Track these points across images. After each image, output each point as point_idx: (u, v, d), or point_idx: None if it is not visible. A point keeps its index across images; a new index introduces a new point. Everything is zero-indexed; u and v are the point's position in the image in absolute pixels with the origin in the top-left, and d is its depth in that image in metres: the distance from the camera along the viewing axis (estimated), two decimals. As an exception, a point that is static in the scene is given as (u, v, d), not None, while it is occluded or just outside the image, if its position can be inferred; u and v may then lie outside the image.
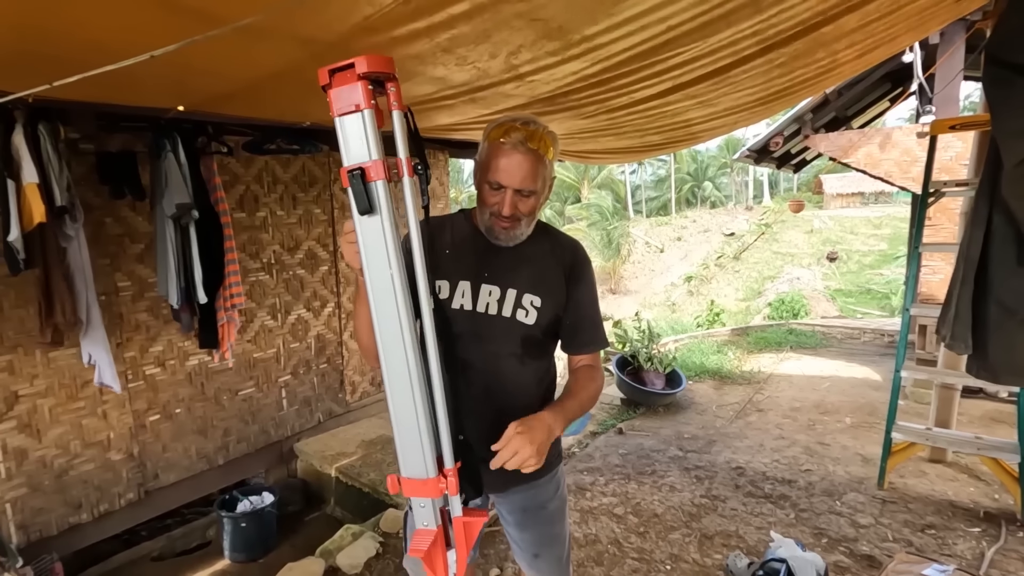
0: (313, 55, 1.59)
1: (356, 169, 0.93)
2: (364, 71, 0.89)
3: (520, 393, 1.33)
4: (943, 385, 3.31)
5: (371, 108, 0.91)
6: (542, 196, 1.26)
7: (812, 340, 7.29)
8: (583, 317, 1.35)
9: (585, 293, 1.35)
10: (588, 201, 26.68)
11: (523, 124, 1.20)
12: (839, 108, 5.55)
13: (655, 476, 3.50)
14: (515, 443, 1.06)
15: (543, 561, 1.47)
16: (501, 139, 1.19)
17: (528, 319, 1.29)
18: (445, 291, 1.30)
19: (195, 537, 3.23)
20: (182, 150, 2.51)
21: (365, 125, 0.92)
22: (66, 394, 2.67)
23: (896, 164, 4.84)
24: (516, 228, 1.26)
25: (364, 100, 0.90)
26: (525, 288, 1.29)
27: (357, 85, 0.90)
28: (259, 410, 3.52)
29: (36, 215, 2.02)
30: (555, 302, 1.31)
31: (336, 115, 0.92)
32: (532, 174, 1.20)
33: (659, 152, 4.72)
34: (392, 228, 0.96)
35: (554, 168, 1.28)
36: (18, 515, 2.56)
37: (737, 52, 2.01)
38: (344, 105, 0.92)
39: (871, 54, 2.66)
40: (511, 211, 1.22)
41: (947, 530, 2.75)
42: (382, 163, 0.93)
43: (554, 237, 1.38)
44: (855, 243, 21.75)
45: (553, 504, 1.44)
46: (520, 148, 1.18)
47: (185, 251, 2.58)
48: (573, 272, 1.34)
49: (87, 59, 1.35)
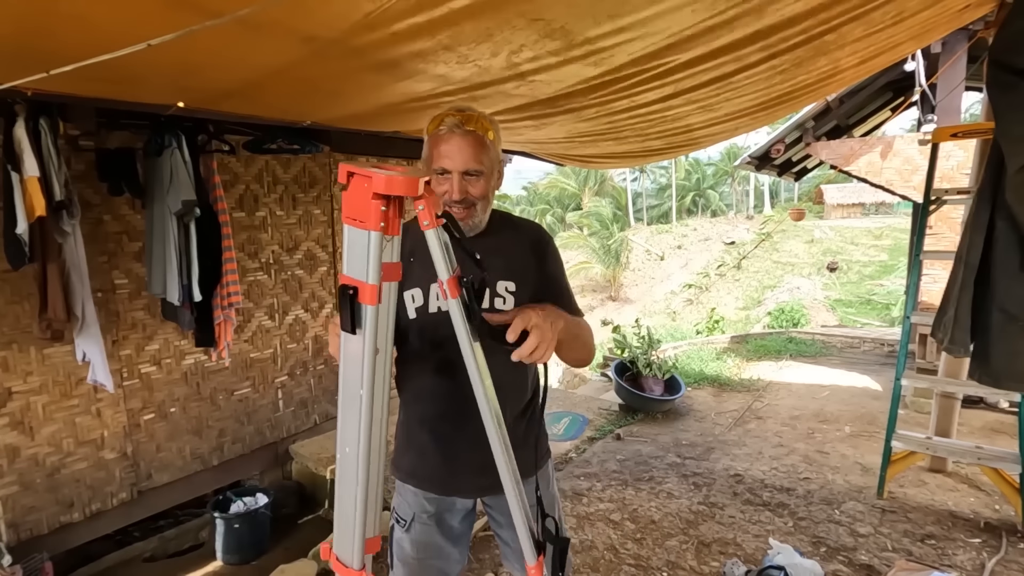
0: (314, 52, 1.59)
1: (351, 287, 0.88)
2: (381, 191, 0.83)
3: (513, 388, 1.33)
4: (943, 394, 3.29)
5: (379, 231, 0.85)
6: (492, 178, 1.26)
7: (812, 349, 7.27)
8: (558, 289, 1.35)
9: (555, 269, 1.37)
10: (588, 209, 26.72)
11: (458, 111, 1.23)
12: (841, 116, 5.56)
13: (653, 482, 3.48)
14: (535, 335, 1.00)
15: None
16: (439, 127, 1.22)
17: (506, 306, 1.28)
18: (419, 299, 1.29)
19: (188, 538, 3.19)
20: (186, 148, 2.51)
21: (369, 244, 0.86)
22: (60, 392, 2.65)
23: (897, 173, 4.85)
24: (472, 215, 1.26)
25: (373, 220, 0.85)
26: (496, 276, 1.28)
27: (369, 204, 0.84)
28: (255, 411, 3.49)
29: (37, 208, 2.01)
30: (529, 282, 1.31)
31: (344, 219, 0.89)
32: (475, 154, 1.21)
33: (660, 157, 4.72)
34: (372, 352, 0.90)
35: (499, 152, 1.29)
36: (9, 513, 2.53)
37: (740, 58, 2.01)
38: (353, 214, 0.87)
39: (873, 61, 2.66)
40: (461, 194, 1.22)
41: (947, 540, 2.72)
42: (378, 289, 0.87)
43: (515, 224, 1.41)
44: (855, 253, 21.77)
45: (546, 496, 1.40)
46: (457, 131, 1.20)
47: (187, 249, 2.57)
48: (539, 250, 1.36)
49: (87, 52, 1.35)
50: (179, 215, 2.51)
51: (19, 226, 2.04)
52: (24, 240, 2.06)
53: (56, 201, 2.12)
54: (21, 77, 1.49)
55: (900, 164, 4.84)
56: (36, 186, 2.01)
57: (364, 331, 0.89)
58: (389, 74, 1.87)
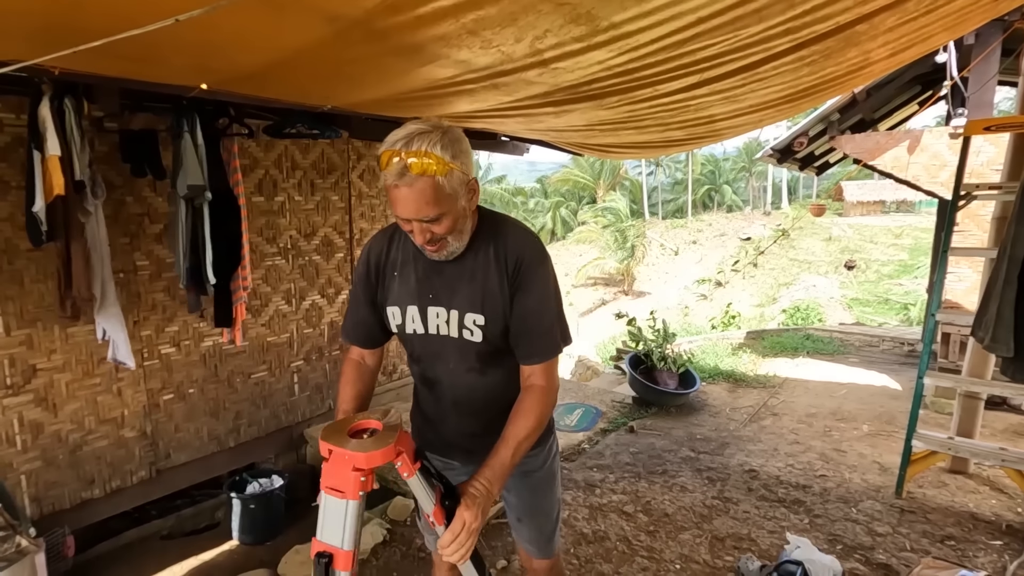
0: (338, 32, 1.57)
1: (325, 554, 0.94)
2: (362, 466, 0.91)
3: (489, 399, 1.37)
4: (967, 394, 3.22)
5: (357, 500, 0.93)
6: (455, 210, 1.17)
7: (830, 346, 7.17)
8: (529, 327, 1.28)
9: (531, 301, 1.27)
10: (604, 203, 26.56)
11: (404, 147, 1.10)
12: (866, 110, 5.43)
13: (666, 476, 3.46)
14: (463, 537, 1.07)
15: (525, 528, 1.53)
16: (385, 174, 1.12)
17: (475, 338, 1.28)
18: (398, 317, 1.34)
19: (204, 518, 3.24)
20: (199, 131, 2.51)
21: (347, 513, 0.93)
22: (82, 370, 2.70)
23: (924, 168, 4.73)
24: (444, 248, 1.22)
25: (352, 491, 0.92)
26: (466, 308, 1.28)
27: (350, 475, 0.92)
28: (271, 395, 3.53)
29: (56, 187, 2.03)
30: (499, 316, 1.27)
31: (322, 487, 0.95)
32: (425, 202, 1.11)
33: (680, 148, 4.66)
34: None
35: (464, 173, 1.17)
36: (32, 487, 2.59)
37: (768, 49, 1.96)
38: (332, 484, 0.93)
39: (904, 53, 2.59)
40: (423, 240, 1.19)
41: (967, 542, 2.68)
42: (352, 555, 0.94)
43: (500, 240, 1.29)
44: (874, 252, 21.43)
45: (539, 475, 1.48)
46: (402, 181, 1.10)
47: (197, 232, 2.58)
48: (516, 280, 1.27)
49: (113, 28, 1.35)
50: (187, 199, 2.53)
51: (36, 204, 2.06)
52: (40, 219, 2.08)
53: (77, 180, 2.14)
54: (48, 54, 1.50)
55: (927, 159, 4.73)
56: (57, 165, 2.03)
57: None
58: (411, 59, 1.85)
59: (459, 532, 1.05)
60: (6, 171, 2.40)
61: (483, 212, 1.33)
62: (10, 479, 2.50)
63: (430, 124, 1.16)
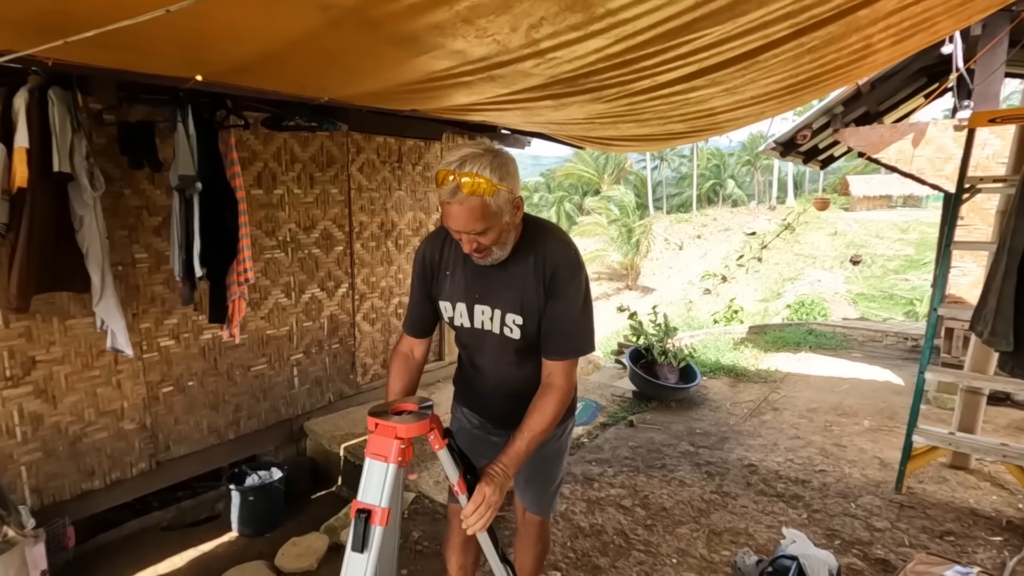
0: (331, 22, 1.56)
1: (364, 510, 1.12)
2: (402, 435, 1.13)
3: (524, 384, 1.53)
4: (969, 389, 3.20)
5: (397, 464, 1.12)
6: (499, 225, 1.32)
7: (832, 341, 7.14)
8: (556, 328, 1.44)
9: (561, 306, 1.42)
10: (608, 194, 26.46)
11: (458, 168, 1.25)
12: (871, 102, 5.38)
13: (665, 470, 3.46)
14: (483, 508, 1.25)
15: (531, 489, 1.75)
16: (440, 190, 1.28)
17: (514, 335, 1.47)
18: (449, 311, 1.54)
19: (204, 509, 3.26)
20: (192, 122, 2.50)
21: (387, 475, 1.12)
22: (82, 362, 2.71)
23: (929, 161, 4.68)
24: (489, 255, 1.38)
25: (394, 456, 1.12)
26: (508, 309, 1.45)
27: (392, 442, 1.12)
28: (270, 388, 3.54)
29: (18, 179, 2.02)
30: (535, 318, 1.44)
31: (367, 454, 1.15)
32: (473, 218, 1.27)
33: (683, 141, 4.62)
34: (373, 574, 1.11)
35: (510, 191, 1.32)
36: (32, 479, 2.60)
37: (767, 35, 1.93)
38: (376, 450, 1.14)
39: (908, 41, 2.54)
40: (470, 248, 1.35)
41: (967, 538, 2.66)
42: (388, 512, 1.12)
43: (541, 251, 1.44)
44: (880, 247, 21.29)
45: (551, 446, 1.68)
46: (454, 199, 1.26)
47: (189, 223, 2.57)
48: (551, 287, 1.43)
49: (105, 19, 1.34)
50: (178, 189, 2.52)
51: None
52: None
53: (57, 172, 2.12)
54: (40, 44, 1.49)
55: (932, 152, 4.67)
56: (23, 157, 2.02)
57: (370, 552, 1.10)
58: (407, 49, 1.83)
59: (479, 504, 1.24)
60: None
61: (527, 221, 1.47)
62: (10, 470, 2.52)
63: (482, 147, 1.31)
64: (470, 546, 1.79)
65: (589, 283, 1.50)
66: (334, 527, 2.85)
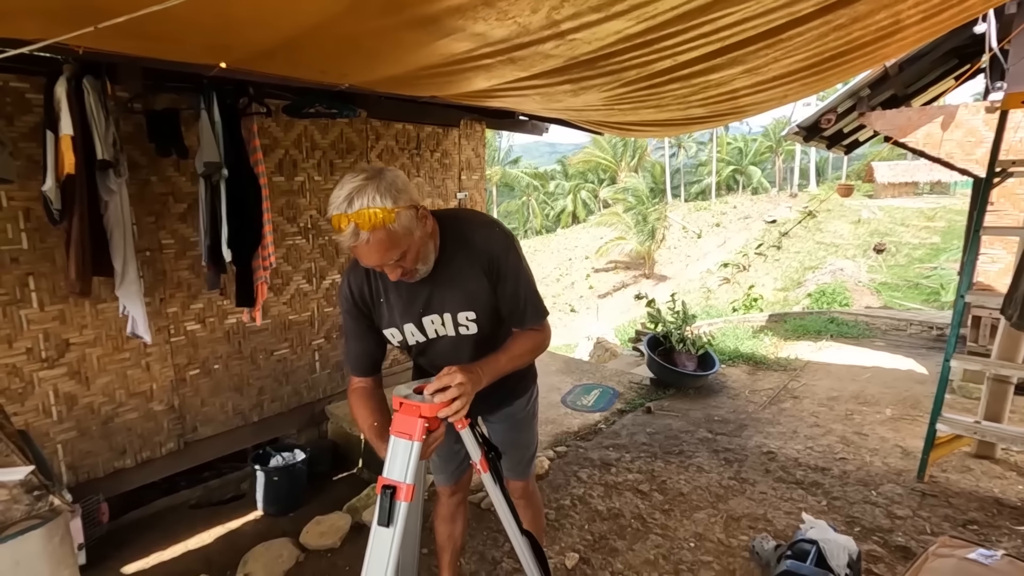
0: (354, 5, 1.57)
1: (390, 486, 1.15)
2: (426, 414, 1.17)
3: None
4: (996, 378, 3.14)
5: (421, 441, 1.16)
6: (414, 243, 1.28)
7: (854, 330, 7.03)
8: (516, 306, 1.47)
9: (511, 285, 1.44)
10: (624, 183, 26.22)
11: (348, 209, 1.17)
12: (899, 85, 5.22)
13: (682, 456, 3.46)
14: (447, 379, 1.24)
15: (507, 458, 1.73)
16: (339, 235, 1.21)
17: (471, 331, 1.48)
18: (398, 336, 1.50)
19: (230, 489, 3.35)
20: (216, 109, 2.54)
21: (411, 453, 1.15)
22: (112, 345, 2.79)
23: (959, 145, 4.55)
24: (415, 274, 1.36)
25: (418, 434, 1.16)
26: (458, 308, 1.44)
27: (417, 420, 1.16)
28: (293, 371, 3.61)
29: (67, 166, 2.07)
30: (487, 306, 1.45)
31: (392, 432, 1.19)
32: (385, 249, 1.22)
33: (703, 126, 4.55)
34: (399, 547, 1.14)
35: (412, 199, 1.26)
36: (68, 456, 2.70)
37: (793, 13, 1.89)
38: (401, 429, 1.17)
39: (937, 18, 2.47)
40: (396, 276, 1.32)
41: (990, 527, 2.63)
42: (412, 488, 1.15)
43: (468, 244, 1.42)
44: (905, 235, 20.81)
45: (520, 415, 1.77)
46: (359, 241, 1.19)
47: (215, 209, 2.62)
48: (493, 270, 1.43)
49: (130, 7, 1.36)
50: (204, 176, 2.56)
51: (46, 183, 2.10)
52: (50, 198, 2.12)
53: (99, 160, 2.17)
54: (69, 32, 1.53)
55: (962, 136, 4.54)
56: (69, 144, 2.07)
57: (396, 527, 1.13)
58: (428, 32, 1.84)
59: (448, 375, 1.24)
60: (36, 150, 2.46)
61: (441, 218, 1.43)
62: (47, 448, 2.61)
63: (362, 177, 1.22)
64: (457, 517, 1.97)
65: (520, 247, 1.49)
66: (356, 507, 2.91)
